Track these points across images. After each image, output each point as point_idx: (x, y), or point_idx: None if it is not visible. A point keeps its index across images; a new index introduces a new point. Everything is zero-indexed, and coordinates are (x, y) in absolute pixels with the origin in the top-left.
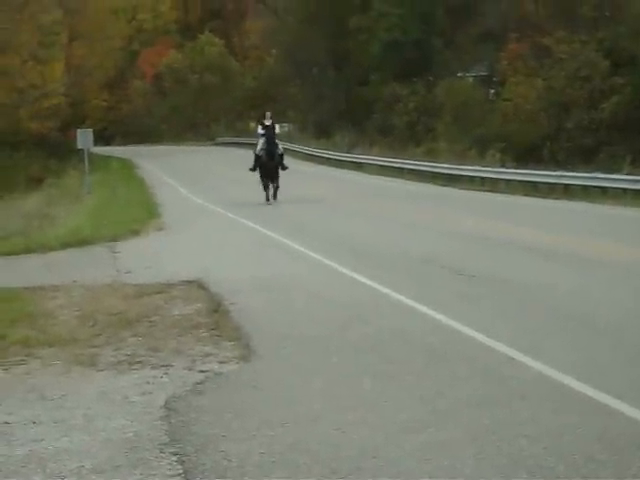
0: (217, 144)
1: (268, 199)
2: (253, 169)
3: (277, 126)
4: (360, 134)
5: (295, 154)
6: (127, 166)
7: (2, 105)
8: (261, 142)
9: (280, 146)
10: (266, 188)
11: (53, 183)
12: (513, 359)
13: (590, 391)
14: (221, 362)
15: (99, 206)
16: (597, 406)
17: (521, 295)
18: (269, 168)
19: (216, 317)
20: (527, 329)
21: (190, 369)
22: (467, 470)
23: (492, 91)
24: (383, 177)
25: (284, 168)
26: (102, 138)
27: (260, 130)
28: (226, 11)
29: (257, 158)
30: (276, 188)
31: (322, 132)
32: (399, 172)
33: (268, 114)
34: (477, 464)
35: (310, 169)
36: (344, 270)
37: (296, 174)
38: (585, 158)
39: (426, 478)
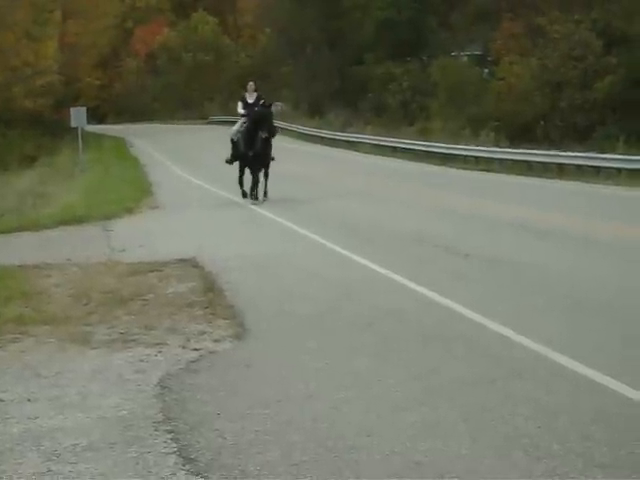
0: (210, 122)
1: (244, 195)
2: (230, 161)
3: (262, 100)
4: (354, 113)
5: (289, 133)
6: (120, 144)
7: None
8: (239, 122)
9: (275, 134)
10: (242, 182)
11: (46, 161)
12: (508, 338)
13: (585, 370)
14: (215, 340)
15: (93, 184)
16: (592, 385)
17: (515, 274)
18: (247, 159)
19: (210, 295)
20: (522, 308)
21: (184, 347)
22: (462, 449)
23: (486, 70)
24: (377, 156)
25: (271, 158)
26: (95, 116)
27: (240, 109)
28: None
29: (233, 145)
30: (265, 184)
31: (316, 111)
32: (393, 151)
33: (251, 85)
34: (472, 443)
35: (304, 148)
36: (338, 249)
37: (290, 153)
38: (579, 137)
39: (421, 457)
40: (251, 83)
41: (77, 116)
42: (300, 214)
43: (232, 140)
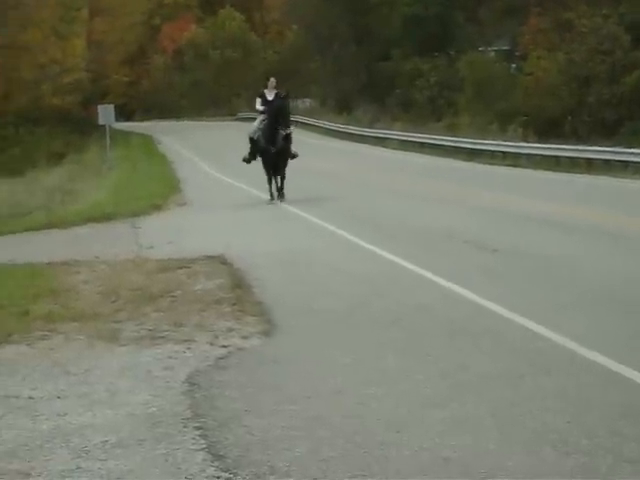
0: (238, 119)
1: (272, 197)
2: (248, 159)
3: (280, 98)
4: (382, 109)
5: (317, 129)
6: (148, 141)
7: (24, 81)
8: (258, 120)
9: (292, 127)
10: (271, 181)
11: (75, 159)
12: (536, 333)
13: (614, 365)
14: (243, 337)
15: (121, 181)
16: (621, 380)
17: (544, 269)
18: (270, 156)
19: (238, 292)
20: (550, 303)
21: (212, 344)
22: (490, 445)
23: (514, 65)
24: (405, 152)
25: (292, 156)
26: (123, 114)
27: (259, 105)
28: None
29: (253, 143)
30: (281, 181)
31: (343, 107)
32: (421, 147)
33: (272, 81)
34: (500, 438)
35: (331, 144)
36: (365, 244)
37: (317, 149)
38: (607, 132)
39: (449, 452)
40: (272, 79)
41: (105, 113)
42: (327, 210)
43: (251, 138)
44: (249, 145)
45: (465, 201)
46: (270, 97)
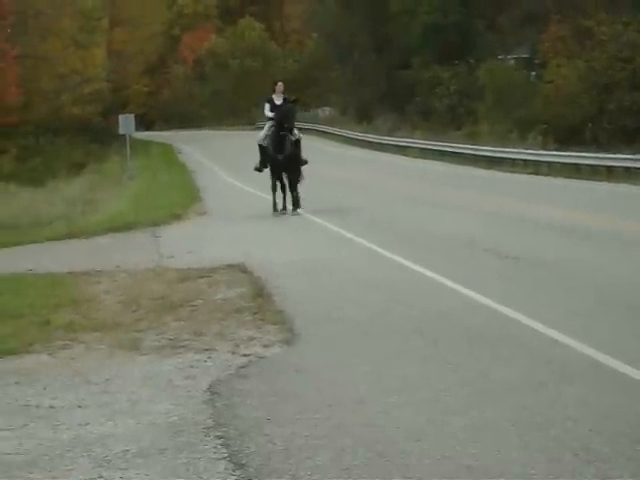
0: (258, 128)
1: (276, 208)
2: (260, 168)
3: (292, 105)
4: (401, 117)
5: (336, 138)
6: (168, 151)
7: (44, 91)
8: (267, 127)
9: (296, 131)
10: (275, 190)
11: (95, 168)
12: (557, 341)
13: (635, 372)
14: (265, 346)
15: (141, 191)
16: None
17: (565, 277)
18: (278, 164)
19: (259, 301)
20: (572, 311)
21: (234, 353)
22: (512, 453)
23: (533, 73)
24: (425, 160)
25: (302, 162)
26: (143, 123)
27: (268, 111)
28: None
29: (262, 151)
30: (294, 190)
31: (363, 116)
32: (441, 155)
33: (280, 85)
34: (522, 446)
35: (351, 152)
36: (386, 253)
37: (337, 157)
38: (627, 140)
39: (471, 460)
40: (280, 83)
41: (125, 123)
42: (347, 218)
43: (260, 146)
44: (259, 153)
45: (485, 209)
46: (278, 102)
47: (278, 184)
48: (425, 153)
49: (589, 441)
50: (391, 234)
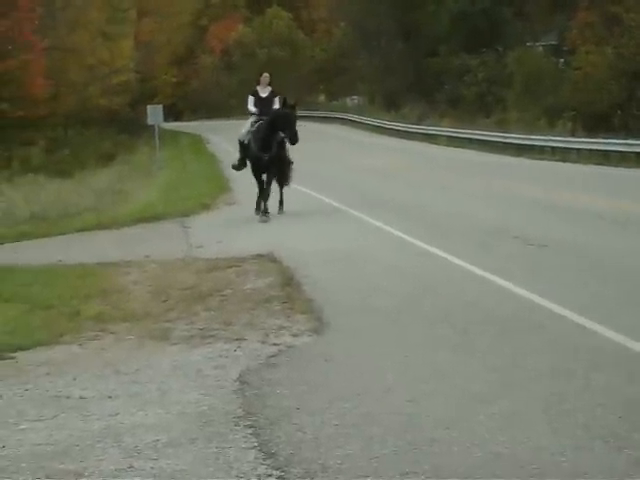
0: None
1: (259, 209)
2: (238, 166)
3: (277, 99)
4: (430, 105)
5: (365, 126)
6: (197, 141)
7: (72, 82)
8: (249, 122)
9: (287, 134)
10: (262, 192)
11: (124, 159)
12: (586, 328)
13: None
14: (294, 335)
15: (170, 181)
16: None
17: (594, 264)
18: (262, 165)
19: (288, 290)
20: (601, 298)
21: (263, 342)
22: (542, 440)
23: (562, 60)
24: (453, 148)
25: (289, 162)
26: (172, 114)
27: (251, 105)
28: None
29: (243, 148)
30: (280, 192)
31: (391, 104)
32: (469, 143)
33: (265, 77)
34: (552, 434)
35: (380, 141)
36: (414, 241)
37: (366, 146)
38: None
39: (500, 448)
40: (266, 74)
41: (153, 114)
42: (377, 207)
43: (241, 142)
44: (239, 149)
45: (515, 197)
46: (264, 94)
47: (263, 183)
48: (453, 141)
49: (619, 428)
50: (420, 222)
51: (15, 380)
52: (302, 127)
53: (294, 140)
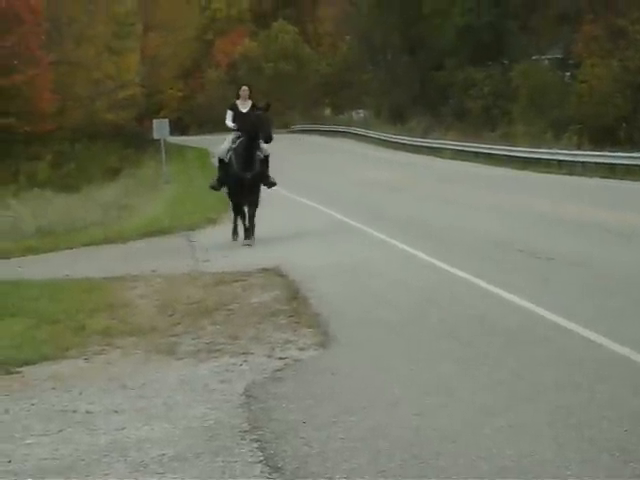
0: (292, 131)
1: (236, 232)
2: (216, 186)
3: (259, 112)
4: (435, 119)
5: (371, 140)
6: (203, 155)
7: (79, 97)
8: (230, 138)
9: (264, 146)
10: (238, 214)
11: (130, 173)
12: (592, 341)
13: None
14: (300, 349)
15: (176, 196)
16: None
17: (600, 277)
18: (243, 185)
19: (294, 304)
20: (606, 312)
21: (269, 356)
22: (548, 454)
23: (567, 74)
24: (459, 162)
25: (270, 184)
26: (178, 128)
27: (229, 121)
28: None
29: (222, 166)
30: (251, 216)
31: (397, 117)
32: (475, 156)
33: (244, 90)
34: (558, 448)
35: (385, 155)
36: (420, 254)
37: (371, 160)
38: None
39: (507, 461)
40: (245, 88)
41: (160, 128)
42: (382, 221)
43: (221, 160)
44: (217, 167)
45: (521, 210)
46: (244, 109)
47: (242, 206)
48: (459, 154)
49: (625, 441)
50: (425, 236)
51: (21, 394)
52: (303, 141)
53: (268, 140)
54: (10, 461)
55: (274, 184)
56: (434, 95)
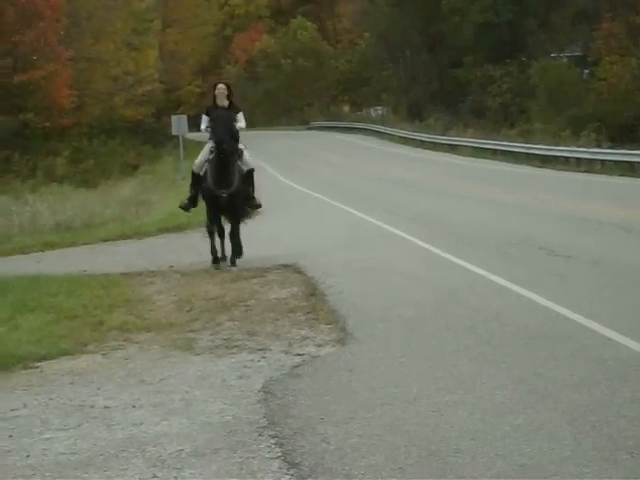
0: (311, 128)
1: (217, 258)
2: (186, 205)
3: (241, 115)
4: (454, 116)
5: (389, 137)
6: None
7: (97, 93)
8: (207, 148)
9: (247, 156)
10: (214, 234)
11: (148, 169)
12: (611, 339)
13: None
14: (318, 345)
15: None
16: None
17: (619, 275)
18: (218, 203)
19: (312, 300)
20: (626, 310)
21: (287, 352)
22: (566, 452)
23: (586, 71)
24: (478, 159)
25: (254, 206)
26: (196, 124)
27: (204, 126)
28: None
29: (196, 181)
30: (234, 234)
31: (416, 115)
32: (493, 154)
33: (221, 88)
34: (576, 445)
35: (404, 152)
36: (439, 252)
37: (391, 157)
38: None
39: (525, 459)
40: (221, 85)
41: (178, 124)
42: (400, 218)
43: (194, 174)
44: (190, 184)
45: (539, 207)
46: (222, 107)
47: (220, 226)
48: (478, 152)
49: None
50: (445, 233)
51: (40, 389)
52: (323, 138)
53: (233, 142)
54: (28, 455)
55: (258, 206)
56: (453, 92)
